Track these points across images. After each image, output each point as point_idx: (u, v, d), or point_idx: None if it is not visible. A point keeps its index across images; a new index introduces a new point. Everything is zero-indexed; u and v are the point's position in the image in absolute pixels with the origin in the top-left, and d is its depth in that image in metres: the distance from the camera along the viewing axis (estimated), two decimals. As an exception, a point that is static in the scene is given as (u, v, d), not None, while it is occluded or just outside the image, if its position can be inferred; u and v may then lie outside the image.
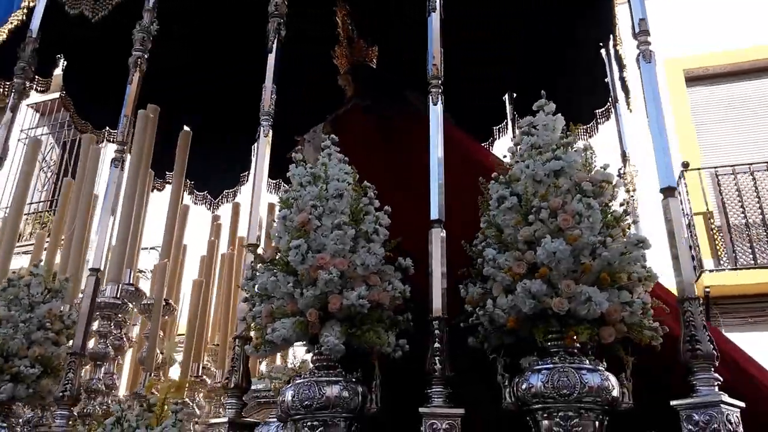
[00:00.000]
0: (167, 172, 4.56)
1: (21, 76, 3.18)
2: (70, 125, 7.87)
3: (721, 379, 1.68)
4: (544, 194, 1.83)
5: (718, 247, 7.58)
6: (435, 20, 2.48)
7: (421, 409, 1.83)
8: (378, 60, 4.06)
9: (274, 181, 4.76)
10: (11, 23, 3.40)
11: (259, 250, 2.27)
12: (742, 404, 1.66)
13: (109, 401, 2.68)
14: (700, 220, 7.69)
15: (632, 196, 4.14)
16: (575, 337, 1.71)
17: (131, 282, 3.01)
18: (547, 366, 1.73)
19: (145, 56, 2.94)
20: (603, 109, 4.32)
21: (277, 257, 2.03)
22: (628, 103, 4.07)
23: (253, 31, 3.17)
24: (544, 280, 1.73)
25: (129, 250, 3.05)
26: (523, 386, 1.75)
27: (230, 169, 5.10)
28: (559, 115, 2.06)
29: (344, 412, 1.91)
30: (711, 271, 7.34)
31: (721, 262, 7.48)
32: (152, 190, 4.28)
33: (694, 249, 7.41)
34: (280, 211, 2.14)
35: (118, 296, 2.86)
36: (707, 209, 7.73)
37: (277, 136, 4.42)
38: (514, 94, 4.66)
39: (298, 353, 2.94)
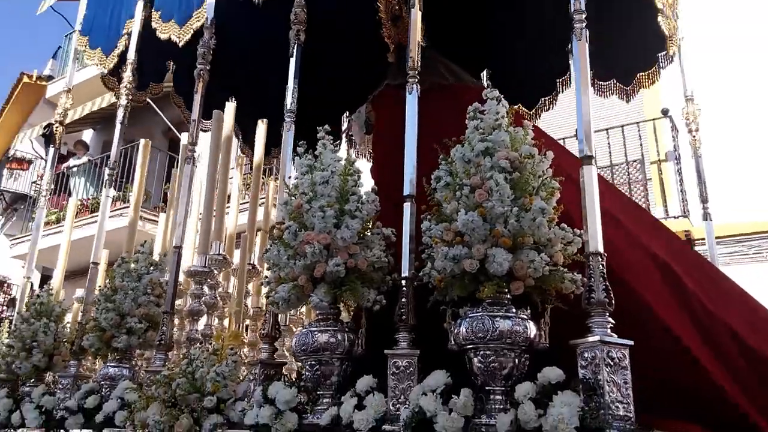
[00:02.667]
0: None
1: (126, 96, 3.96)
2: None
3: (613, 322, 1.98)
4: (469, 172, 2.19)
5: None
6: (415, 15, 2.82)
7: (386, 351, 2.32)
8: (426, 34, 4.38)
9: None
10: (118, 48, 4.20)
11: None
12: (629, 342, 1.95)
13: (206, 347, 3.44)
14: None
15: (694, 136, 4.17)
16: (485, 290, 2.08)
17: (220, 252, 3.74)
18: (471, 315, 2.13)
19: (207, 68, 3.56)
20: (664, 53, 4.29)
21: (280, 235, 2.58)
22: None
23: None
24: (465, 245, 2.11)
25: (217, 227, 3.78)
26: (455, 331, 2.16)
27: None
28: (502, 102, 2.36)
29: (335, 354, 2.45)
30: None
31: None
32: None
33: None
34: (287, 196, 2.68)
35: (206, 265, 3.60)
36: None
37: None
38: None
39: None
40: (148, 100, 5.29)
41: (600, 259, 2.06)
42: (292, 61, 3.18)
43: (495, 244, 2.09)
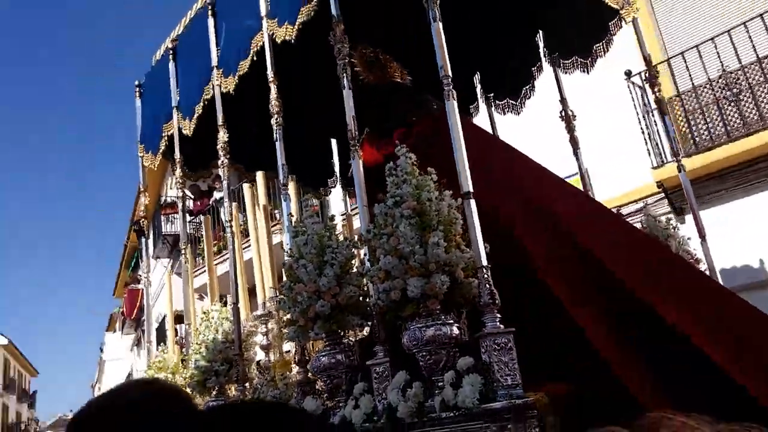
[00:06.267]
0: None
1: (180, 188, 5.02)
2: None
3: (500, 316, 2.65)
4: (386, 222, 2.93)
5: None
6: (348, 95, 3.55)
7: (367, 362, 3.11)
8: (401, 71, 5.05)
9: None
10: (160, 149, 5.26)
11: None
12: (512, 329, 2.61)
13: (267, 376, 4.39)
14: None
15: (656, 94, 4.59)
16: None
17: (276, 296, 4.68)
18: (410, 327, 2.87)
19: (227, 158, 4.51)
20: (614, 20, 4.74)
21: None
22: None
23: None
24: (392, 280, 2.86)
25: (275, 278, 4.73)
26: (402, 341, 2.91)
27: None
28: (410, 156, 3.05)
29: (342, 368, 3.28)
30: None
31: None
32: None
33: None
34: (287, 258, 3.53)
35: (266, 310, 4.57)
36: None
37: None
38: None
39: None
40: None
41: (485, 271, 2.74)
42: (278, 145, 4.00)
43: (411, 275, 2.83)
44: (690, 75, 7.92)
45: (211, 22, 4.77)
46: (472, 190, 2.87)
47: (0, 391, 32.22)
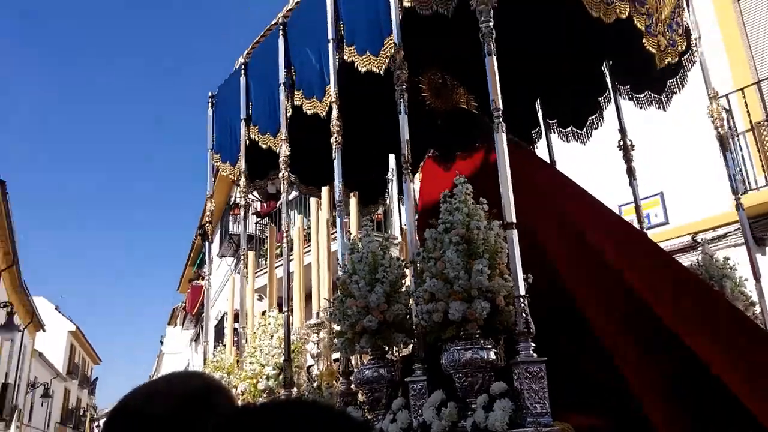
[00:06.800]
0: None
1: (243, 198, 5.30)
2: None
3: (534, 345, 2.76)
4: (436, 247, 3.08)
5: None
6: (403, 121, 3.72)
7: (406, 379, 3.26)
8: (467, 97, 5.18)
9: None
10: (240, 161, 5.54)
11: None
12: (544, 358, 2.71)
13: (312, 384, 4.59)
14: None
15: (718, 130, 4.60)
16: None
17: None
18: (449, 349, 3.00)
19: (288, 173, 4.74)
20: (687, 55, 4.76)
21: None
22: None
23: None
24: (436, 302, 3.01)
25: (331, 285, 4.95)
26: (441, 361, 3.05)
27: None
28: (467, 186, 3.18)
29: (383, 382, 3.43)
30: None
31: None
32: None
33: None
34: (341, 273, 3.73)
35: (319, 319, 4.78)
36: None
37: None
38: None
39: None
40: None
41: (522, 300, 2.85)
42: (336, 164, 4.18)
43: (454, 299, 2.96)
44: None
45: (281, 41, 4.97)
46: (515, 221, 2.99)
47: (64, 376, 33.76)
